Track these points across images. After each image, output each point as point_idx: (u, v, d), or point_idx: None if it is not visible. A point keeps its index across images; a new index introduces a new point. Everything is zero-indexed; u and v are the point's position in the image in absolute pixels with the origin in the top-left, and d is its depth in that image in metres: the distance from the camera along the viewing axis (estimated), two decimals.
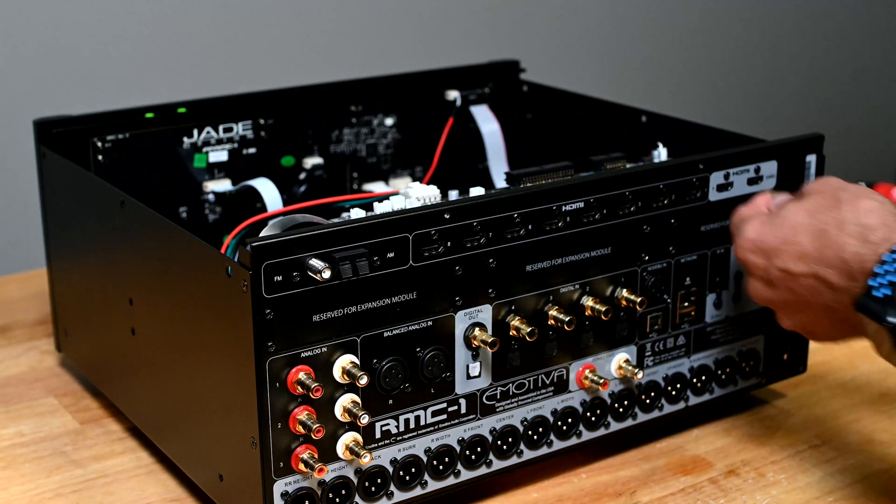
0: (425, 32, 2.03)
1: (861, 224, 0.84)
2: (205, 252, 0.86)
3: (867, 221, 0.84)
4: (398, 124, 1.31)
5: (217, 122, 1.18)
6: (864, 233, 0.84)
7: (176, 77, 1.78)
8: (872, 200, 0.86)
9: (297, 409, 0.83)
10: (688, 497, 0.97)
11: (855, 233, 0.84)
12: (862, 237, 0.84)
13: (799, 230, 0.88)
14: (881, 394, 1.14)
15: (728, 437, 1.06)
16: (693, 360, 1.04)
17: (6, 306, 1.35)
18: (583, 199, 0.93)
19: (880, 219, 0.84)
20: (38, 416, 1.10)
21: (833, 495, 0.97)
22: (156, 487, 0.98)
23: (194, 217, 1.19)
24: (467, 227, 0.88)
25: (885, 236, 0.83)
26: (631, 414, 1.01)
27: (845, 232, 0.85)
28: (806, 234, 0.87)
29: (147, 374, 0.99)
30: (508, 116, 1.36)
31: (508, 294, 0.91)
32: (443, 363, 0.89)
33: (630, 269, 0.97)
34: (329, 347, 0.84)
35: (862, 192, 0.87)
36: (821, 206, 0.88)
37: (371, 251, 0.83)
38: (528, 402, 0.95)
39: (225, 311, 0.84)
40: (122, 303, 1.00)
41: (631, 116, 1.23)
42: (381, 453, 0.88)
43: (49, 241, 1.15)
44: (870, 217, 0.84)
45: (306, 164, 1.24)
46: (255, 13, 1.84)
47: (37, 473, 1.01)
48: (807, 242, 0.87)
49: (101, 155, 1.13)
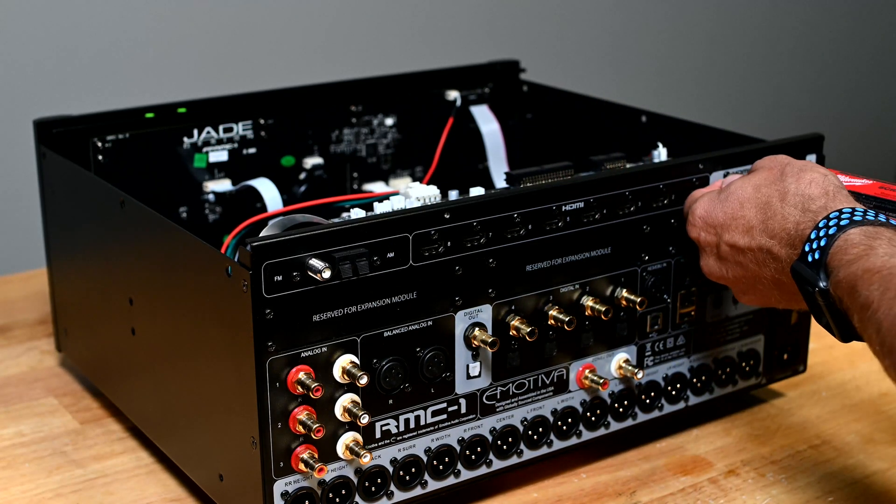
0: (425, 32, 2.03)
1: (802, 194, 0.87)
2: (205, 252, 0.86)
3: (808, 192, 0.87)
4: (398, 124, 1.31)
5: (217, 122, 1.18)
6: (804, 202, 0.86)
7: (176, 77, 1.78)
8: (815, 172, 0.88)
9: (297, 409, 0.83)
10: (688, 497, 0.97)
11: (796, 203, 0.87)
12: (803, 207, 0.86)
13: (745, 204, 0.90)
14: (881, 394, 1.14)
15: (728, 437, 1.06)
16: (693, 360, 1.04)
17: (6, 306, 1.35)
18: (583, 199, 0.93)
19: (821, 188, 0.87)
20: (38, 416, 1.10)
21: (833, 495, 0.97)
22: (156, 487, 0.98)
23: (194, 217, 1.19)
24: (467, 227, 0.88)
25: (824, 204, 0.85)
26: (631, 414, 1.01)
27: (787, 203, 0.87)
28: (751, 207, 0.90)
29: (147, 374, 0.99)
30: (508, 116, 1.36)
31: (508, 294, 0.91)
32: (443, 363, 0.89)
33: (630, 269, 0.97)
34: (329, 347, 0.84)
35: (807, 165, 0.90)
36: (766, 180, 0.90)
37: (371, 251, 0.83)
38: (528, 402, 0.95)
39: (225, 311, 0.84)
40: (122, 303, 1.00)
41: (631, 116, 1.23)
42: (381, 453, 0.88)
43: (49, 241, 1.15)
44: (811, 187, 0.87)
45: (306, 164, 1.24)
46: (255, 13, 1.84)
47: (37, 473, 1.01)
48: (752, 215, 0.89)
49: (101, 155, 1.13)
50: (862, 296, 0.77)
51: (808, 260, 0.83)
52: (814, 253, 0.82)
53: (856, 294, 0.77)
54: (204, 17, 1.79)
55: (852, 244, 0.80)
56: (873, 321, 0.76)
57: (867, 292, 0.76)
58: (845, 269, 0.79)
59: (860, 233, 0.81)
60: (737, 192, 0.91)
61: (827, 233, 0.82)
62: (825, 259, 0.81)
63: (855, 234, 0.81)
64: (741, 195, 0.91)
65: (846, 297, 0.79)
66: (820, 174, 0.88)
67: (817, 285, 0.82)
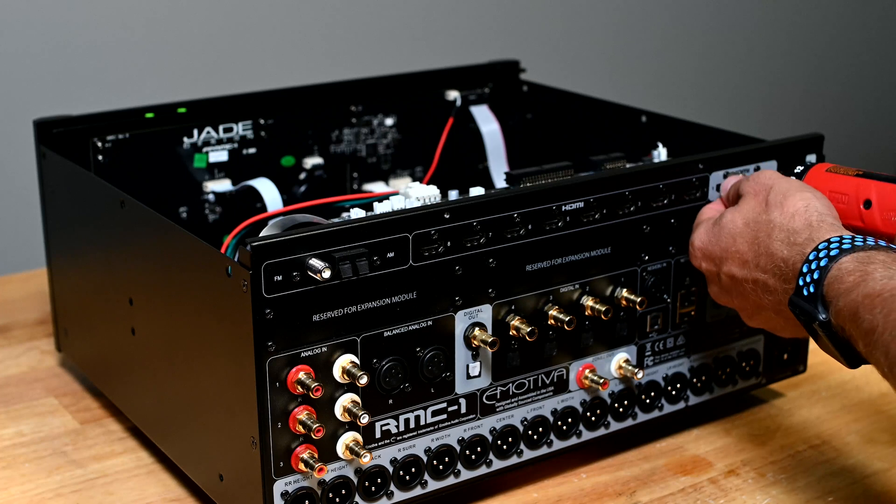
0: (425, 32, 2.03)
1: (787, 229, 0.87)
2: (205, 252, 0.86)
3: (792, 225, 0.87)
4: (398, 124, 1.31)
5: (217, 122, 1.18)
6: (789, 237, 0.87)
7: (176, 77, 1.78)
8: (798, 201, 0.88)
9: (297, 409, 0.83)
10: (688, 497, 0.97)
11: (782, 238, 0.87)
12: (788, 241, 0.87)
13: (737, 237, 0.91)
14: (881, 394, 1.14)
15: (728, 437, 1.06)
16: (693, 360, 1.04)
17: (6, 306, 1.35)
18: (583, 199, 0.93)
19: (804, 220, 0.87)
20: (38, 416, 1.10)
21: (833, 495, 0.97)
22: (156, 487, 0.98)
23: (194, 217, 1.19)
24: (467, 227, 0.88)
25: (808, 237, 0.86)
26: (631, 414, 1.01)
27: (774, 238, 0.88)
28: (743, 241, 0.90)
29: (147, 374, 0.99)
30: (508, 116, 1.36)
31: (508, 294, 0.91)
32: (443, 363, 0.89)
33: (630, 269, 0.97)
34: (329, 347, 0.84)
35: (789, 191, 0.90)
36: (753, 212, 0.91)
37: (371, 251, 0.83)
38: (528, 401, 0.95)
39: (225, 311, 0.84)
40: (122, 303, 1.00)
41: (631, 116, 1.23)
42: (381, 453, 0.88)
43: (49, 241, 1.15)
44: (794, 220, 0.87)
45: (306, 164, 1.24)
46: (255, 13, 1.84)
47: (37, 473, 1.01)
48: (745, 249, 0.90)
49: (101, 155, 1.13)
50: (865, 321, 0.77)
51: (804, 294, 0.83)
52: (808, 287, 0.83)
53: (859, 321, 0.78)
54: (204, 17, 1.79)
55: (847, 272, 0.80)
56: (880, 345, 0.76)
57: (870, 317, 0.77)
58: (844, 297, 0.79)
59: (852, 260, 0.81)
60: (728, 225, 0.92)
61: (819, 265, 0.82)
62: (821, 291, 0.82)
63: (847, 262, 0.81)
64: (732, 229, 0.91)
65: (849, 325, 0.79)
66: (802, 202, 0.88)
67: (817, 318, 0.82)
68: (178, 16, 1.77)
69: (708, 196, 1.00)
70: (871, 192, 0.91)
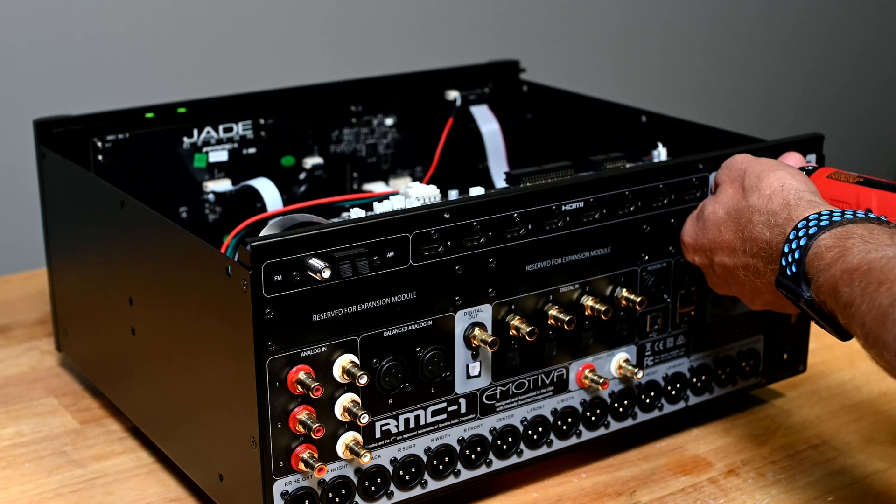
0: (425, 32, 2.03)
1: (766, 211, 0.88)
2: (205, 252, 0.86)
3: (770, 207, 0.88)
4: (398, 124, 1.31)
5: (217, 122, 1.18)
6: (769, 219, 0.88)
7: (176, 77, 1.78)
8: (773, 181, 0.89)
9: (297, 409, 0.83)
10: (688, 497, 0.97)
11: (763, 221, 0.88)
12: (769, 224, 0.88)
13: (721, 227, 0.92)
14: (881, 394, 1.14)
15: (728, 437, 1.06)
16: (693, 359, 1.04)
17: (6, 306, 1.35)
18: (583, 199, 0.93)
19: (781, 201, 0.88)
20: (38, 416, 1.10)
21: (833, 495, 0.97)
22: (156, 487, 0.98)
23: (194, 217, 1.19)
24: (467, 226, 0.88)
25: (787, 217, 0.87)
26: (631, 414, 1.01)
27: (755, 222, 0.89)
28: (727, 230, 0.92)
29: (147, 374, 0.99)
30: (508, 116, 1.36)
31: (508, 294, 0.91)
32: (443, 363, 0.89)
33: (630, 269, 0.97)
34: (329, 347, 0.84)
35: (763, 172, 0.91)
36: (732, 199, 0.92)
37: (371, 251, 0.83)
38: (528, 401, 0.95)
39: (225, 311, 0.84)
40: (122, 303, 1.00)
41: (631, 116, 1.23)
42: (381, 453, 0.88)
43: (49, 241, 1.15)
44: (772, 202, 0.88)
45: (306, 164, 1.24)
46: (255, 13, 1.85)
47: (37, 473, 1.01)
48: (731, 238, 0.91)
49: (101, 155, 1.13)
50: (844, 294, 0.78)
51: (787, 273, 0.84)
52: (791, 266, 0.84)
53: (838, 295, 0.79)
54: (204, 17, 1.79)
55: (826, 248, 0.81)
56: (857, 317, 0.77)
57: (848, 290, 0.78)
58: (824, 274, 0.81)
59: (831, 236, 0.82)
60: (711, 217, 0.93)
61: (798, 244, 0.84)
62: (803, 269, 0.83)
63: (826, 238, 0.82)
64: (716, 220, 0.93)
65: (829, 300, 0.81)
66: (778, 182, 0.89)
67: (802, 296, 0.83)
68: (178, 16, 1.77)
69: (708, 196, 0.99)
70: (872, 200, 0.91)
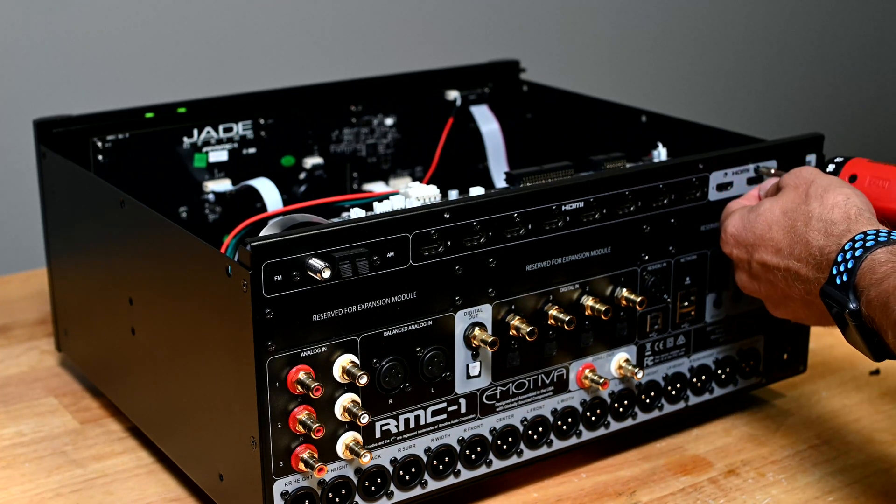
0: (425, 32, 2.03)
1: (825, 219, 0.89)
2: (205, 252, 0.86)
3: (831, 217, 0.89)
4: (398, 124, 1.31)
5: (217, 122, 1.18)
6: (827, 227, 0.89)
7: (176, 77, 1.78)
8: (838, 194, 0.90)
9: (297, 409, 0.83)
10: (688, 497, 0.97)
11: (820, 228, 0.89)
12: (826, 231, 0.89)
13: (773, 226, 0.93)
14: (881, 394, 1.14)
15: (728, 437, 1.06)
16: (693, 359, 1.04)
17: (6, 306, 1.35)
18: (583, 199, 0.93)
19: (843, 212, 0.89)
20: (38, 415, 1.10)
21: (833, 495, 0.97)
22: (156, 487, 0.98)
23: (194, 217, 1.19)
24: (467, 226, 0.88)
25: (846, 228, 0.88)
26: (631, 414, 1.01)
27: (811, 227, 0.90)
28: (779, 230, 0.92)
29: (147, 374, 0.99)
30: (508, 116, 1.36)
31: (508, 294, 0.91)
32: (443, 363, 0.89)
33: (630, 269, 0.97)
34: (329, 347, 0.84)
35: (830, 186, 0.92)
36: (792, 203, 0.92)
37: (371, 251, 0.83)
38: (528, 401, 0.95)
39: (225, 311, 0.84)
40: (122, 303, 1.00)
41: (631, 116, 1.23)
42: (381, 453, 0.88)
43: (49, 241, 1.15)
44: (833, 212, 0.89)
45: (306, 164, 1.24)
46: (255, 13, 1.85)
47: (37, 473, 1.01)
48: (780, 237, 0.92)
49: (101, 155, 1.13)
50: (895, 311, 0.78)
51: (836, 283, 0.85)
52: (842, 276, 0.84)
53: (889, 310, 0.79)
54: (204, 16, 1.79)
55: (880, 263, 0.82)
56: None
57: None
58: (875, 287, 0.81)
59: (887, 252, 0.83)
60: (765, 213, 0.94)
61: (853, 255, 0.84)
62: (853, 280, 0.84)
63: (881, 253, 0.83)
64: (769, 217, 0.93)
65: (878, 314, 0.81)
66: (843, 196, 0.90)
67: (847, 307, 0.83)
68: (177, 16, 1.77)
69: (708, 196, 1.00)
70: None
